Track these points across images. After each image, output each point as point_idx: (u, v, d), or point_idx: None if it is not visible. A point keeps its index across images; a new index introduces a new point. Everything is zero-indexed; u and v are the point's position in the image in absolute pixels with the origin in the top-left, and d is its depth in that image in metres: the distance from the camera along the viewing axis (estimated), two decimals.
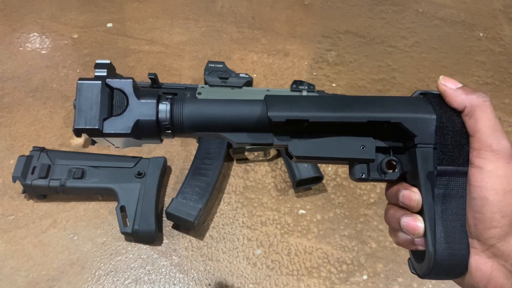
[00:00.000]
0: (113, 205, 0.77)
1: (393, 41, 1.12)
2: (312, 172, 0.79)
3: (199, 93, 0.85)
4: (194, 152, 0.82)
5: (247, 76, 0.88)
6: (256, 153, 0.86)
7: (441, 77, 0.36)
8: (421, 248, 0.34)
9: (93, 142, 0.36)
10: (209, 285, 0.71)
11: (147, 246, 0.74)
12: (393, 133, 0.36)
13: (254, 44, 1.09)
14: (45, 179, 0.74)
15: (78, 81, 0.34)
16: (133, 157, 0.80)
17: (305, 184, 0.81)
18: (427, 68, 1.06)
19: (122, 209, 0.73)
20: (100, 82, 0.35)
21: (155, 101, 0.35)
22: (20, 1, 1.16)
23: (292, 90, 0.87)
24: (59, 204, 0.78)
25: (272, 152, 0.86)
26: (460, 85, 0.35)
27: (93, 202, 0.78)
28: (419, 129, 0.34)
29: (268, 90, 0.87)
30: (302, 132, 0.36)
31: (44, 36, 1.07)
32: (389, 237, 0.77)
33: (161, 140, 0.38)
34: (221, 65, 0.89)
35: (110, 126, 0.34)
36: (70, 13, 1.13)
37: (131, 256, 0.73)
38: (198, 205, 0.73)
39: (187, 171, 0.78)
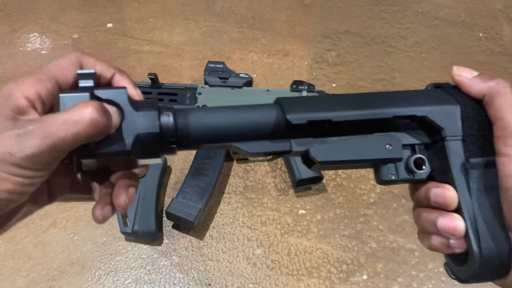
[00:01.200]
0: None
1: (393, 41, 1.12)
2: (312, 172, 0.79)
3: (199, 93, 0.85)
4: (194, 152, 0.82)
5: (247, 76, 0.88)
6: None
7: (454, 67, 0.34)
8: (458, 250, 0.32)
9: (79, 168, 0.31)
10: (209, 285, 0.71)
11: (147, 246, 0.74)
12: (416, 129, 0.34)
13: (254, 44, 1.09)
14: None
15: (60, 95, 0.28)
16: None
17: (305, 184, 0.81)
18: (427, 68, 1.06)
19: None
20: (87, 93, 0.29)
21: (156, 111, 0.30)
22: (20, 1, 1.16)
23: (292, 90, 0.87)
24: (59, 204, 0.78)
25: None
26: (476, 73, 0.33)
27: (93, 202, 0.78)
28: (445, 121, 0.33)
29: (268, 90, 0.87)
30: (321, 135, 0.33)
31: (44, 36, 1.07)
32: (389, 236, 0.77)
33: (161, 158, 0.33)
34: (221, 65, 0.89)
35: (105, 144, 0.29)
36: (70, 13, 1.13)
37: (131, 256, 0.73)
38: (198, 205, 0.73)
39: (187, 171, 0.78)
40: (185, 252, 0.74)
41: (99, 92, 0.29)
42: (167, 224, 0.77)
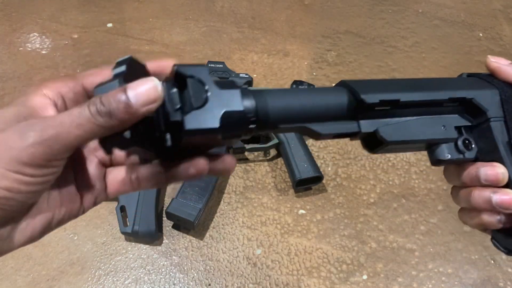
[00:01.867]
0: (113, 205, 0.77)
1: (393, 41, 1.12)
2: (312, 172, 0.79)
3: None
4: None
5: (247, 76, 0.88)
6: (256, 153, 0.86)
7: (489, 56, 0.37)
8: (508, 225, 0.35)
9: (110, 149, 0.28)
10: (209, 285, 0.71)
11: (147, 246, 0.74)
12: (462, 112, 0.37)
13: (254, 44, 1.09)
14: None
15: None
16: None
17: (305, 184, 0.81)
18: (427, 68, 1.06)
19: (122, 209, 0.73)
20: (116, 80, 0.27)
21: (239, 90, 0.29)
22: (20, 1, 1.16)
23: None
24: None
25: (272, 152, 0.87)
26: (509, 61, 0.37)
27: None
28: (488, 104, 0.35)
29: None
30: (385, 116, 0.34)
31: (44, 36, 1.07)
32: (389, 236, 0.77)
33: (236, 142, 0.33)
34: (221, 65, 0.89)
35: (192, 120, 0.27)
36: (70, 13, 1.13)
37: (131, 256, 0.73)
38: (198, 205, 0.73)
39: None
40: (185, 252, 0.74)
41: (181, 68, 0.28)
42: (167, 224, 0.77)
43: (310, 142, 0.88)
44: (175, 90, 0.28)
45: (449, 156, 0.36)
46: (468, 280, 0.73)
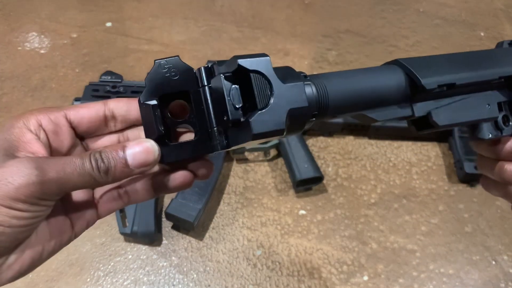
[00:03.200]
0: None
1: (394, 40, 1.12)
2: (313, 172, 0.78)
3: None
4: None
5: None
6: (256, 153, 0.86)
7: None
8: None
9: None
10: (209, 286, 0.70)
11: (146, 246, 0.74)
12: (503, 87, 0.37)
13: (254, 43, 1.08)
14: None
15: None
16: None
17: (306, 185, 0.80)
18: None
19: (121, 209, 0.73)
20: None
21: (302, 82, 0.27)
22: (19, 0, 1.15)
23: None
24: None
25: (272, 152, 0.86)
26: None
27: None
28: None
29: None
30: (437, 97, 0.34)
31: (43, 36, 1.07)
32: (389, 237, 0.76)
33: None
34: None
35: (258, 124, 0.25)
36: (69, 13, 1.13)
37: (130, 257, 0.73)
38: (198, 205, 0.73)
39: None
40: (184, 253, 0.73)
41: (242, 61, 0.26)
42: (166, 224, 0.76)
43: (310, 142, 0.88)
44: (235, 86, 0.27)
45: (490, 136, 0.36)
46: (469, 281, 0.72)
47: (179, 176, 0.29)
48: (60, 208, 0.29)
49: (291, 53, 1.07)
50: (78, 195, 0.30)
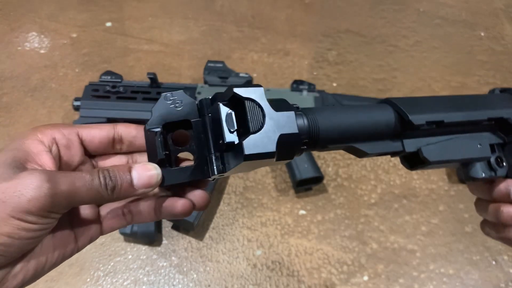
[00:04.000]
0: None
1: (394, 40, 1.11)
2: (313, 172, 0.78)
3: (199, 93, 0.84)
4: None
5: (247, 75, 0.87)
6: None
7: None
8: None
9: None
10: (209, 286, 0.70)
11: (146, 247, 0.74)
12: (494, 130, 0.38)
13: (254, 43, 1.08)
14: None
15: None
16: None
17: (306, 185, 0.80)
18: (428, 68, 1.06)
19: None
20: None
21: (293, 112, 0.30)
22: (18, 0, 1.15)
23: (292, 90, 0.86)
24: None
25: None
26: None
27: None
28: None
29: (268, 90, 0.86)
30: (427, 135, 0.35)
31: (42, 36, 1.06)
32: (390, 237, 0.76)
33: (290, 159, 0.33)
34: (221, 65, 0.88)
35: (250, 145, 0.28)
36: (69, 12, 1.13)
37: (130, 257, 0.73)
38: None
39: None
40: (184, 253, 0.73)
41: (237, 90, 0.29)
42: (166, 225, 0.76)
43: None
44: (230, 112, 0.29)
45: (483, 175, 0.37)
46: (469, 281, 0.72)
47: (180, 204, 0.31)
48: (65, 221, 0.30)
49: (291, 53, 1.06)
50: (85, 211, 0.31)
